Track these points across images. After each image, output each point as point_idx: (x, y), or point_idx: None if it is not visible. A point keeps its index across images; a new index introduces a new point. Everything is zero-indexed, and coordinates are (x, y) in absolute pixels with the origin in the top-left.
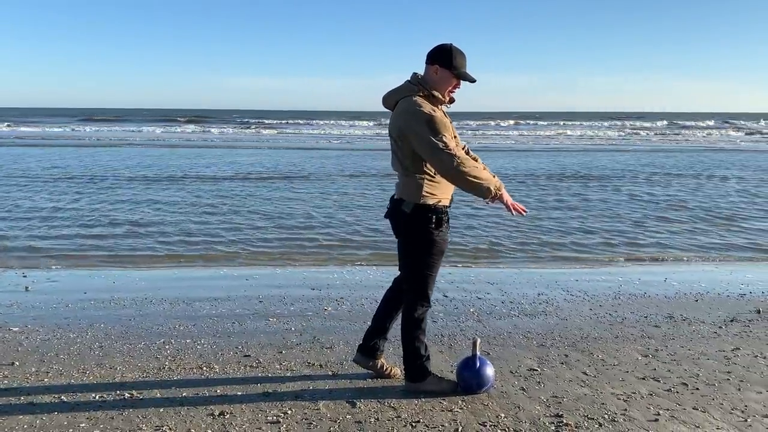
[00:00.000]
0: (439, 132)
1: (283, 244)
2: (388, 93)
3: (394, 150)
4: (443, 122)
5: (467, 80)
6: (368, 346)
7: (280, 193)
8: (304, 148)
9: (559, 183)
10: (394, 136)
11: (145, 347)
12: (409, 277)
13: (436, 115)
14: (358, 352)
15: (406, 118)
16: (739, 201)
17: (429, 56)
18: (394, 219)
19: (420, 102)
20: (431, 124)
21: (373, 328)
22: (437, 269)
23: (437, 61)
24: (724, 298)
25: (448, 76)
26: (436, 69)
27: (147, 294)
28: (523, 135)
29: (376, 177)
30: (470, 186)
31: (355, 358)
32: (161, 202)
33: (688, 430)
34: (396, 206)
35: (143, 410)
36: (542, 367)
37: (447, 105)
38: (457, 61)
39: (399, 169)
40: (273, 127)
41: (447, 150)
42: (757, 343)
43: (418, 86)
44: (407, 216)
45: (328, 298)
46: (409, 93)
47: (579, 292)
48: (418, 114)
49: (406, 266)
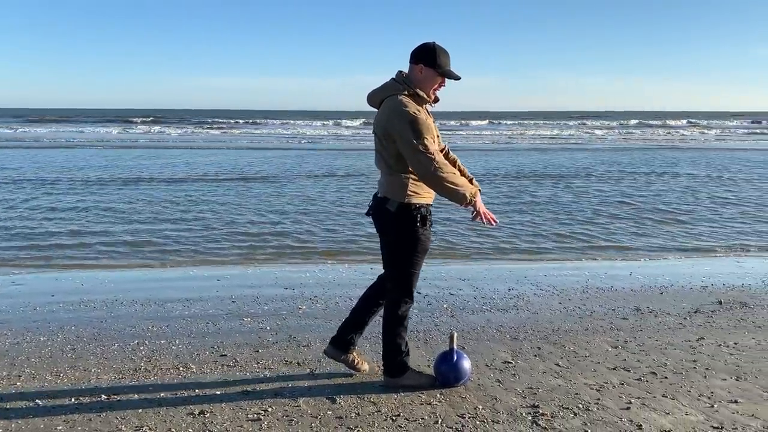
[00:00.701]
0: (421, 134)
1: (250, 244)
2: (374, 91)
3: (378, 149)
4: (426, 124)
5: (452, 78)
6: (344, 339)
7: (242, 194)
8: (265, 148)
9: (515, 181)
10: (379, 134)
11: (119, 349)
12: (392, 274)
13: (420, 117)
14: (331, 345)
15: (390, 117)
16: (685, 197)
17: (413, 55)
18: (377, 217)
19: (405, 101)
20: (414, 125)
21: (351, 321)
22: (420, 267)
23: (421, 60)
24: (687, 290)
25: (432, 75)
26: (421, 68)
27: (117, 296)
28: (493, 134)
29: (336, 177)
30: (446, 191)
31: (327, 350)
32: (115, 204)
33: (658, 416)
34: (380, 205)
35: (121, 411)
36: (516, 359)
37: (432, 104)
38: (441, 60)
39: (383, 168)
40: (228, 127)
41: (427, 153)
42: (720, 333)
43: (403, 85)
44: (392, 215)
45: (302, 297)
46: (395, 92)
47: (548, 287)
48: (402, 114)
49: (389, 264)
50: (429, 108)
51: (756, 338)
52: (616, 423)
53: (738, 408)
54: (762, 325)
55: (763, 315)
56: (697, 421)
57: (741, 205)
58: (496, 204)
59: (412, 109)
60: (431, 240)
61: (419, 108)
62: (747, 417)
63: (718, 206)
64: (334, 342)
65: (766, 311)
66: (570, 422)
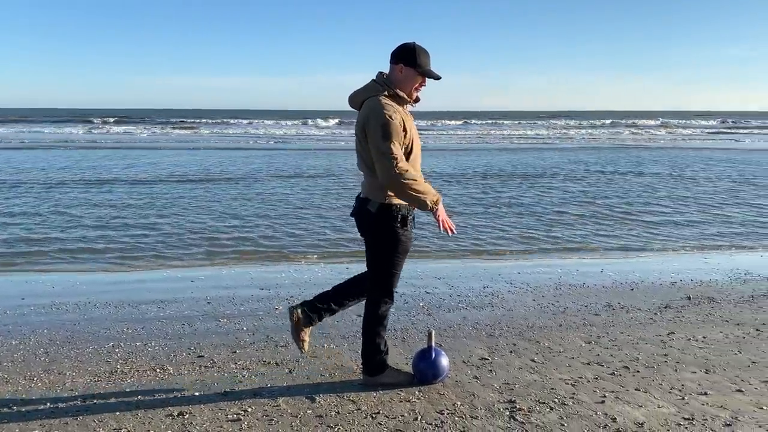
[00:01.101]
0: (389, 138)
1: (224, 244)
2: (355, 92)
3: (359, 150)
4: (397, 130)
5: (432, 77)
6: (316, 307)
7: (205, 195)
8: (236, 148)
9: (482, 181)
10: (359, 136)
11: (94, 351)
12: (373, 274)
13: (394, 122)
14: (302, 308)
15: (368, 118)
16: (647, 195)
17: (393, 55)
18: (359, 218)
19: (384, 103)
20: (385, 128)
21: (331, 297)
22: (401, 267)
23: (401, 60)
24: (657, 286)
25: (412, 74)
26: (401, 68)
27: (89, 298)
28: (465, 134)
29: (304, 178)
30: (407, 197)
31: (295, 309)
32: (75, 206)
33: (632, 409)
34: (362, 205)
35: (98, 415)
36: (493, 356)
37: (412, 104)
38: (420, 59)
39: (364, 169)
40: (191, 126)
41: (391, 157)
42: (689, 327)
43: (383, 86)
44: (373, 215)
45: (279, 298)
46: (375, 93)
47: (522, 284)
48: (378, 116)
49: (370, 264)
50: (410, 108)
51: (723, 332)
52: (592, 416)
53: (708, 400)
54: (729, 319)
55: (730, 309)
56: (669, 413)
57: (700, 203)
58: (465, 203)
59: (389, 112)
60: (412, 240)
61: (398, 110)
62: (716, 408)
63: (679, 205)
64: (307, 305)
65: (732, 306)
66: (546, 416)
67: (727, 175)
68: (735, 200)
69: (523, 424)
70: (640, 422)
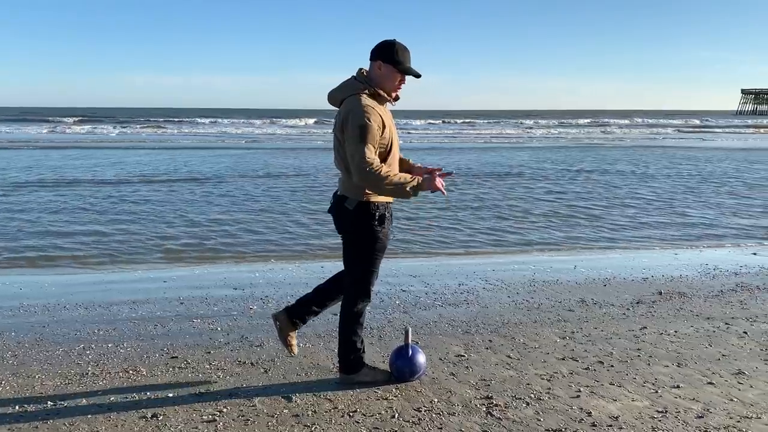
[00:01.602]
0: (365, 141)
1: (190, 244)
2: (334, 90)
3: (337, 147)
4: (374, 134)
5: (411, 74)
6: (299, 313)
7: (177, 194)
8: (205, 147)
9: (457, 179)
10: (337, 134)
11: (64, 353)
12: (350, 272)
13: (371, 125)
14: (285, 313)
15: (347, 116)
16: (608, 193)
17: (372, 52)
18: (336, 215)
19: (365, 103)
20: (362, 130)
21: (311, 300)
22: (379, 265)
23: (380, 57)
24: (629, 282)
25: (392, 72)
26: (380, 65)
27: (59, 299)
28: (442, 133)
29: (272, 177)
30: (387, 192)
31: (278, 315)
32: (33, 207)
33: (606, 403)
34: (339, 203)
35: (70, 418)
36: (469, 352)
37: (392, 103)
38: (400, 56)
39: (342, 167)
40: (158, 125)
41: (365, 159)
42: (661, 322)
43: (363, 84)
44: (350, 213)
45: (253, 297)
46: (355, 91)
47: (496, 281)
48: (357, 117)
49: (348, 262)
50: (390, 106)
51: (694, 326)
52: (567, 411)
53: (680, 393)
54: (699, 313)
55: (700, 304)
56: (643, 406)
57: (661, 200)
58: (433, 201)
59: (368, 114)
60: (390, 239)
61: (378, 109)
62: (689, 401)
63: (643, 202)
64: (290, 311)
65: (702, 300)
66: (523, 412)
67: (688, 172)
68: (695, 198)
69: (500, 420)
70: (614, 416)
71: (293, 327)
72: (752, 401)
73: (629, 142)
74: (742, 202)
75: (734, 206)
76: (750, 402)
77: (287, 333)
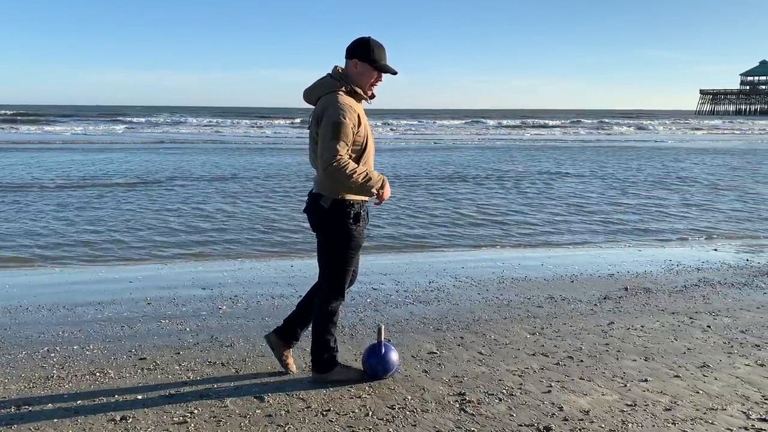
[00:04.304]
0: (338, 139)
1: (164, 242)
2: (310, 88)
3: (312, 146)
4: (347, 132)
5: (387, 72)
6: (289, 331)
7: (143, 195)
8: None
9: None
10: (313, 132)
11: (27, 356)
12: (325, 270)
13: (346, 123)
14: (275, 333)
15: (322, 113)
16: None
17: (348, 50)
18: (311, 213)
19: (341, 101)
20: (336, 128)
21: (296, 316)
22: (353, 264)
23: (356, 55)
24: (596, 278)
25: (368, 70)
26: (356, 63)
27: (21, 301)
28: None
29: (238, 179)
30: (351, 187)
31: (269, 337)
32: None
33: (577, 398)
34: (314, 201)
35: (35, 423)
36: (441, 349)
37: (368, 101)
38: (375, 54)
39: (317, 165)
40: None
41: (335, 154)
42: (628, 317)
43: (340, 82)
44: (325, 211)
45: (222, 297)
46: (331, 89)
47: (466, 279)
48: (332, 115)
49: (322, 260)
50: (365, 105)
51: (660, 321)
52: (539, 406)
53: (648, 386)
54: (665, 308)
55: (665, 299)
56: (613, 400)
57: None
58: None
59: (344, 112)
60: (364, 237)
61: (355, 107)
62: (657, 394)
63: (575, 200)
64: (279, 332)
65: (667, 296)
66: (496, 407)
67: (643, 169)
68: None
69: (473, 416)
70: (585, 410)
71: (287, 346)
72: (717, 393)
73: (569, 142)
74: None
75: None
76: (715, 394)
77: (281, 352)
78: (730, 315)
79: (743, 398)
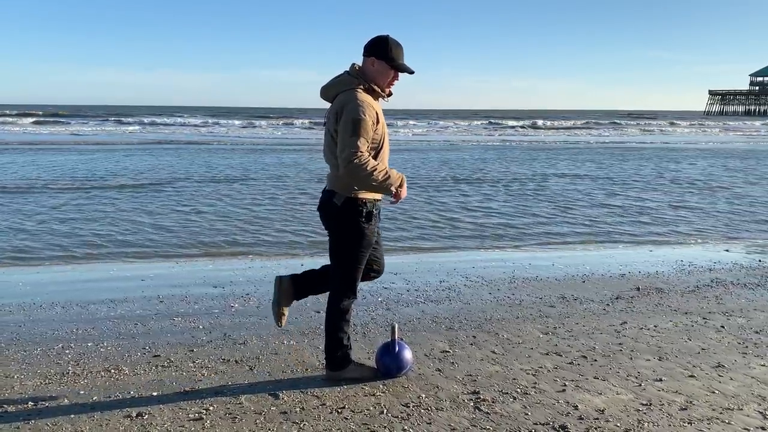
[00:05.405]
0: (358, 135)
1: (170, 242)
2: (328, 85)
3: (328, 143)
4: (367, 129)
5: (405, 71)
6: (304, 287)
7: (144, 195)
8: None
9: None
10: (330, 129)
11: (43, 353)
12: (337, 268)
13: (366, 120)
14: (291, 279)
15: (341, 109)
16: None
17: (366, 48)
18: (324, 211)
19: (360, 98)
20: (356, 124)
21: (318, 278)
22: (364, 262)
23: (374, 53)
24: (607, 278)
25: (385, 68)
26: (373, 61)
27: (35, 299)
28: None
29: (249, 180)
30: (370, 185)
31: (283, 280)
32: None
33: (592, 397)
34: (327, 198)
35: (52, 418)
36: (454, 348)
37: (386, 99)
38: (393, 53)
39: (332, 161)
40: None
41: (356, 151)
42: (641, 317)
43: (358, 79)
44: (338, 208)
45: (233, 295)
46: (349, 86)
47: (477, 278)
48: (352, 111)
49: (334, 258)
50: (382, 103)
51: (673, 321)
52: (554, 405)
53: (663, 386)
54: (677, 308)
55: (677, 299)
56: (628, 399)
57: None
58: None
59: (363, 108)
60: (376, 235)
61: (373, 104)
62: (672, 393)
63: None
64: (296, 280)
65: (679, 296)
66: (510, 406)
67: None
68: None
69: (488, 414)
70: (600, 409)
71: (293, 298)
72: (733, 393)
73: (555, 144)
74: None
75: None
76: (731, 394)
77: (287, 301)
78: (744, 315)
79: (759, 398)
